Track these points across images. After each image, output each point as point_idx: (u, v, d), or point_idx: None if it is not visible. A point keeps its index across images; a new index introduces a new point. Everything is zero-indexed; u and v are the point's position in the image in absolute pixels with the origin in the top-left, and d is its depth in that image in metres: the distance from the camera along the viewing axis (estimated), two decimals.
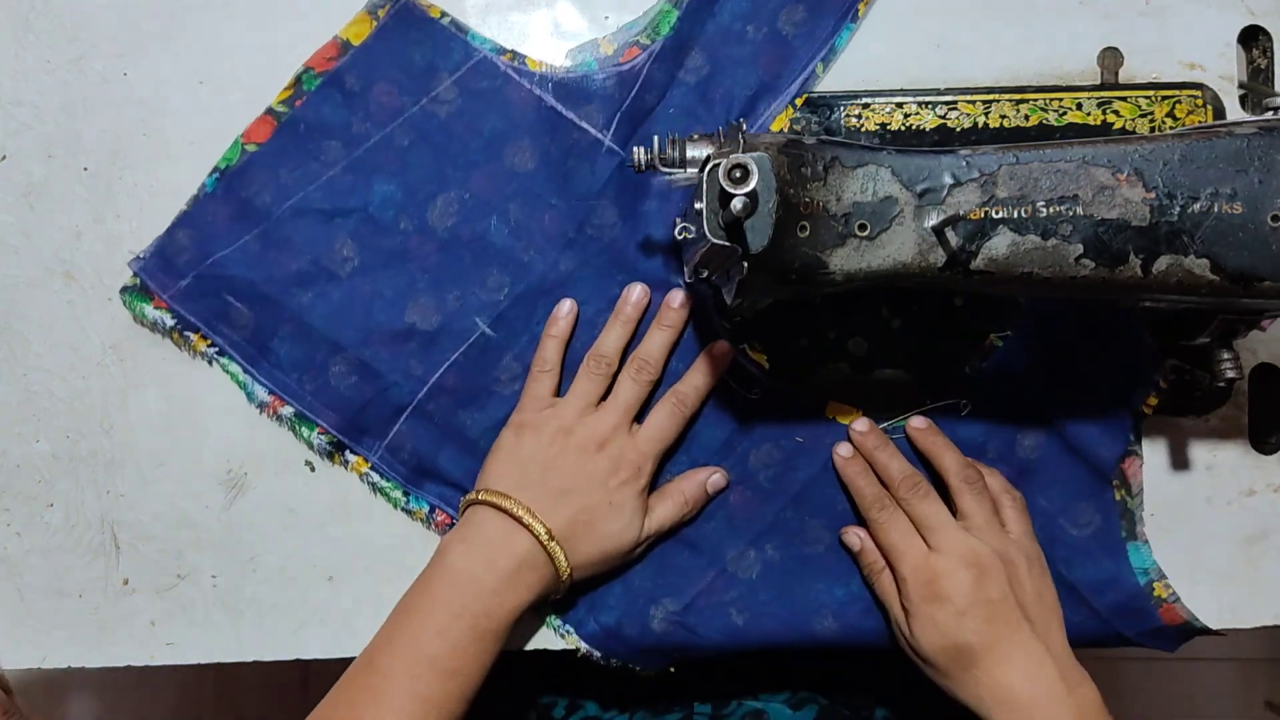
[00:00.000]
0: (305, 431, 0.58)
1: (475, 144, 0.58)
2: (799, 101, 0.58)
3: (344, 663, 0.61)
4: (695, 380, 0.57)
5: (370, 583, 0.60)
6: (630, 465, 0.55)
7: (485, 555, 0.53)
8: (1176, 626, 0.58)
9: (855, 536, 0.58)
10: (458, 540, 0.54)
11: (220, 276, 0.57)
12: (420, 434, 0.58)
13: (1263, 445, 0.60)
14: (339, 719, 0.51)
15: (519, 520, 0.53)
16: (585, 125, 0.57)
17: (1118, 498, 0.59)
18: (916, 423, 0.58)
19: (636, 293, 0.57)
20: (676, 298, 0.57)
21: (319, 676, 0.56)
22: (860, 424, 0.58)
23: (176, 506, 0.59)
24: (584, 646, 0.58)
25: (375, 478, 0.59)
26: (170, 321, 0.58)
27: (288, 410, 0.58)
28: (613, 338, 0.57)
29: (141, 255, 0.58)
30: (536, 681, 0.69)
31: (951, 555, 0.53)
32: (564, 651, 0.59)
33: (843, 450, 0.58)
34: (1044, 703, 0.51)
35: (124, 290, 0.58)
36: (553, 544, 0.53)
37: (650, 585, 0.58)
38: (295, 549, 0.60)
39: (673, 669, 0.59)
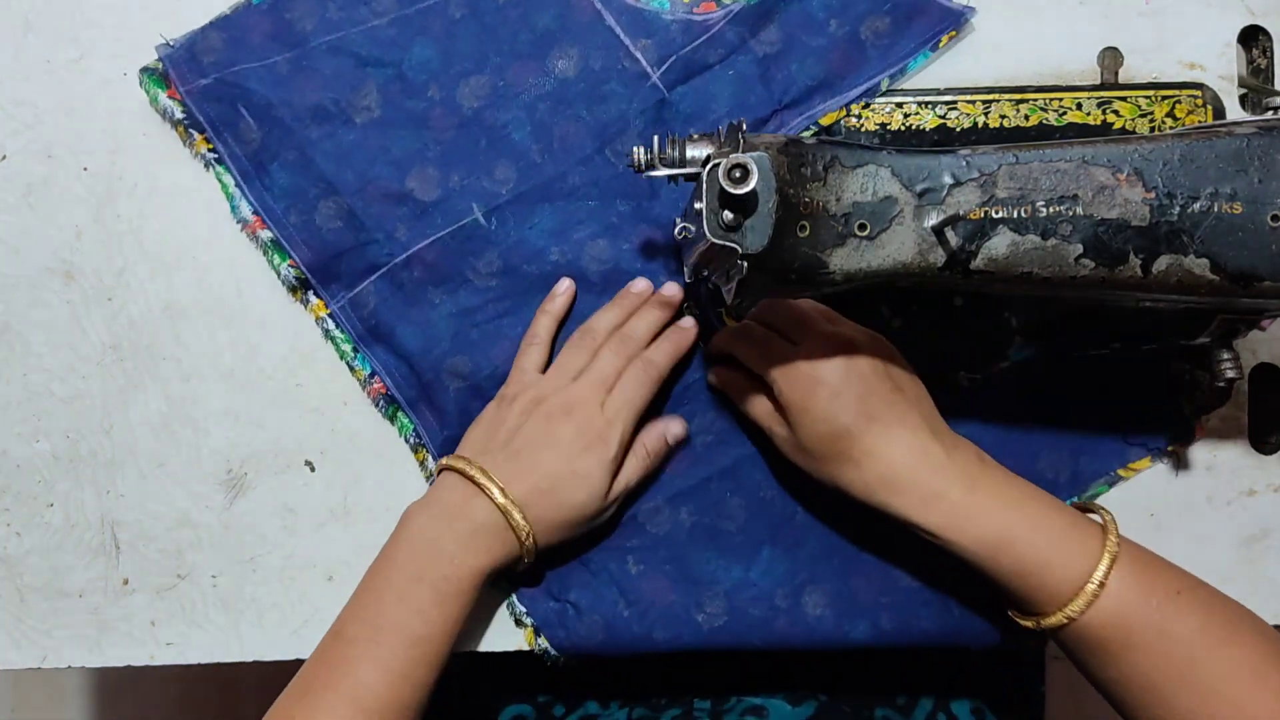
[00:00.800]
0: (276, 260, 0.58)
1: (524, 36, 0.58)
2: (854, 107, 0.58)
3: None
4: (664, 346, 0.57)
5: None
6: (595, 432, 0.54)
7: (445, 519, 0.53)
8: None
9: (713, 375, 0.58)
10: (420, 506, 0.54)
11: (240, 86, 0.57)
12: (386, 297, 0.58)
13: (1263, 445, 0.60)
14: (314, 689, 0.50)
15: (475, 482, 0.53)
16: (638, 55, 0.58)
17: None
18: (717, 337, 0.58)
19: (640, 284, 0.58)
20: (671, 288, 0.58)
21: None
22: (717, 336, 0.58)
23: (176, 506, 0.59)
24: None
25: (330, 325, 0.59)
26: (179, 114, 0.58)
27: (266, 234, 0.58)
28: (607, 317, 0.57)
29: (171, 43, 0.58)
30: (535, 680, 0.69)
31: (818, 343, 0.51)
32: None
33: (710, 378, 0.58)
34: (927, 473, 0.50)
35: (144, 70, 0.58)
36: (508, 503, 0.52)
37: None
38: (295, 549, 0.60)
39: (558, 654, 0.58)
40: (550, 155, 0.58)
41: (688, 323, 0.58)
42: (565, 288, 0.58)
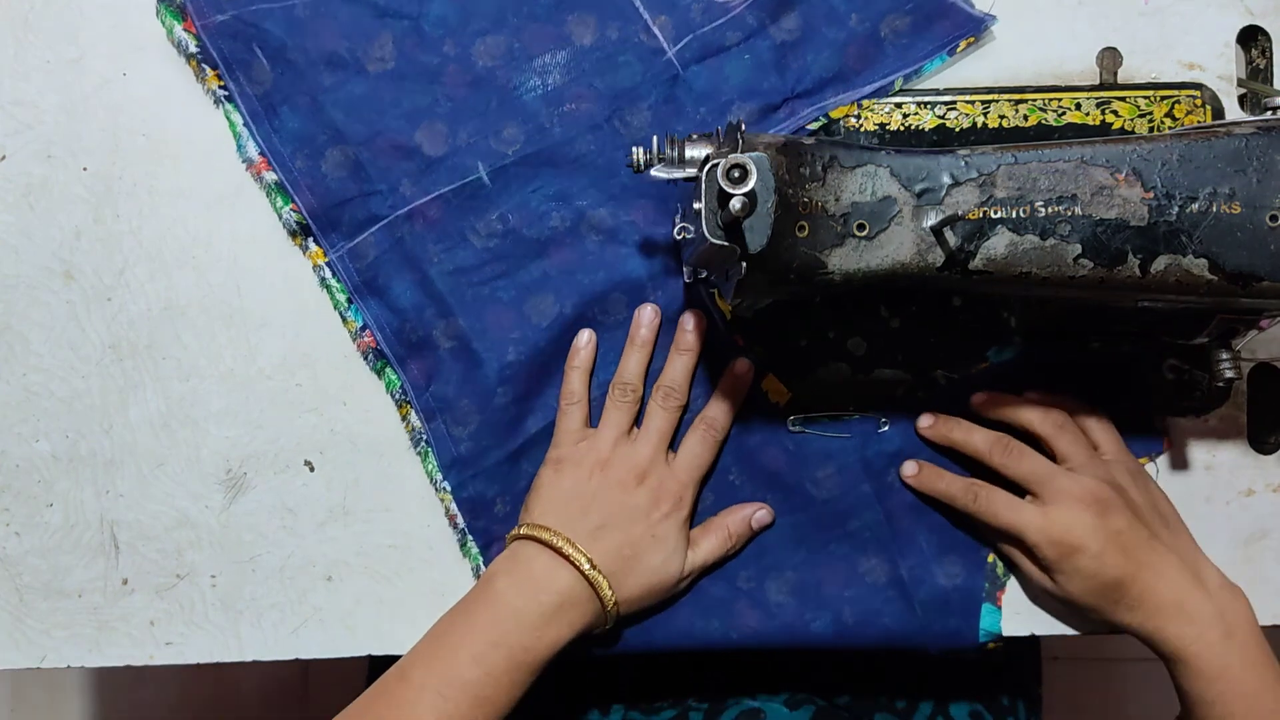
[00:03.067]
0: (279, 203, 0.58)
1: (544, 0, 0.58)
2: (866, 103, 0.58)
3: (344, 663, 0.61)
4: (722, 404, 0.58)
5: (370, 583, 0.60)
6: (671, 496, 0.56)
7: (529, 589, 0.53)
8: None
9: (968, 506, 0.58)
10: (503, 572, 0.55)
11: (257, 26, 0.57)
12: (385, 250, 0.58)
13: (1262, 445, 0.60)
14: None
15: (561, 553, 0.53)
16: (656, 30, 0.58)
17: (990, 560, 0.59)
18: (924, 421, 0.58)
19: (648, 313, 0.58)
20: (689, 321, 0.57)
21: (319, 676, 0.56)
22: (926, 420, 0.58)
23: (176, 506, 0.60)
24: (452, 508, 0.59)
25: (326, 274, 0.59)
26: (193, 48, 0.58)
27: (270, 176, 0.58)
28: (633, 363, 0.58)
29: None
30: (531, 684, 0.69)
31: (1068, 503, 0.53)
32: (561, 652, 0.59)
33: (908, 469, 0.58)
34: (1191, 610, 0.53)
35: (161, 2, 0.58)
36: (596, 574, 0.53)
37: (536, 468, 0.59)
38: (295, 549, 0.60)
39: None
40: (559, 120, 0.58)
41: (741, 367, 0.58)
42: (586, 340, 0.58)
